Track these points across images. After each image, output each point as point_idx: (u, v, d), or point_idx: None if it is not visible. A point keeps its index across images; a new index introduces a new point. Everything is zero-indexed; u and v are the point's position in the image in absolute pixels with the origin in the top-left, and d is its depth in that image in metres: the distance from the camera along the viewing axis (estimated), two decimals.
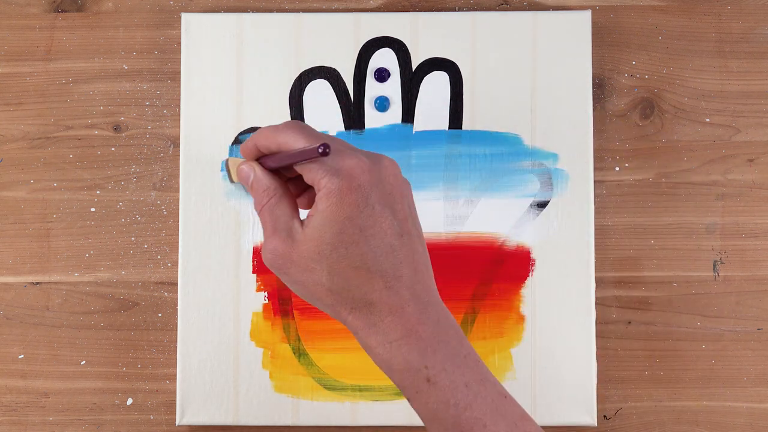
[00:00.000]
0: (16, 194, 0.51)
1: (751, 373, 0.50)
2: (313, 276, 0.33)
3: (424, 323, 0.33)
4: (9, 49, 0.51)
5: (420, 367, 0.32)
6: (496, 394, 0.33)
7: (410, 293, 0.33)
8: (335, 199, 0.32)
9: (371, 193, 0.33)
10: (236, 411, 0.49)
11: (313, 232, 0.33)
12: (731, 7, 0.51)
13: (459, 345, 0.33)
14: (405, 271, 0.33)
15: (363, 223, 0.33)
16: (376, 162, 0.34)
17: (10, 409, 0.50)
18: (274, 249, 0.34)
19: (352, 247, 0.33)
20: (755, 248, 0.50)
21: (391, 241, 0.33)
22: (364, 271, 0.33)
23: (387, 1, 0.51)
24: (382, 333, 0.33)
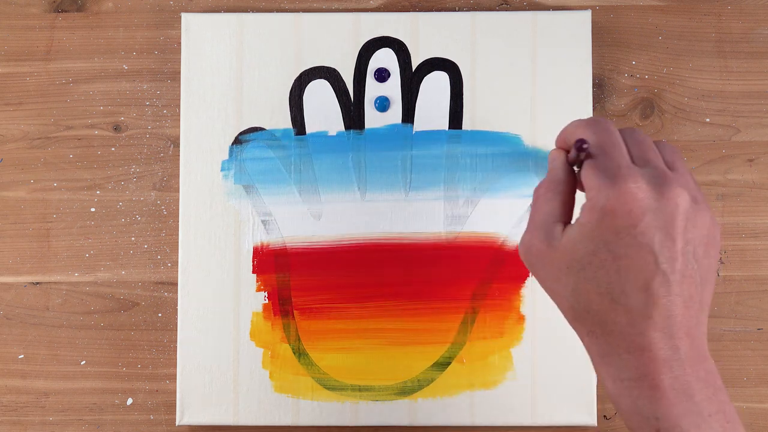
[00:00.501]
0: (16, 194, 0.51)
1: (751, 373, 0.50)
2: (558, 287, 0.32)
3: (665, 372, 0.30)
4: (9, 49, 0.51)
5: (650, 416, 0.30)
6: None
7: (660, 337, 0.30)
8: (597, 217, 0.30)
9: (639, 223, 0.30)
10: (236, 411, 0.49)
11: (568, 244, 0.32)
12: (731, 7, 0.51)
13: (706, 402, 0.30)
14: (659, 314, 0.30)
15: (619, 251, 0.30)
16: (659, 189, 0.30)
17: (10, 409, 0.50)
18: (530, 245, 0.33)
19: (601, 272, 0.30)
20: (755, 248, 0.50)
21: (649, 278, 0.30)
22: (608, 300, 0.30)
23: (387, 1, 0.51)
24: (614, 367, 0.31)
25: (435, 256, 0.49)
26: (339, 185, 0.49)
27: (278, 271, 0.49)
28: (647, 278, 0.30)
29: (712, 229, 0.32)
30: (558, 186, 0.34)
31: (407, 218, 0.49)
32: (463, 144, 0.49)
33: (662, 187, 0.30)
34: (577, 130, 0.33)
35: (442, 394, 0.49)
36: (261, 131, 0.50)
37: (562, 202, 0.34)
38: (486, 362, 0.49)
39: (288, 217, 0.49)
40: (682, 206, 0.30)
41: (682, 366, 0.30)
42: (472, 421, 0.49)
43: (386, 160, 0.49)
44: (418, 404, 0.49)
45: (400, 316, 0.49)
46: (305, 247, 0.49)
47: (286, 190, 0.49)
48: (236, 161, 0.50)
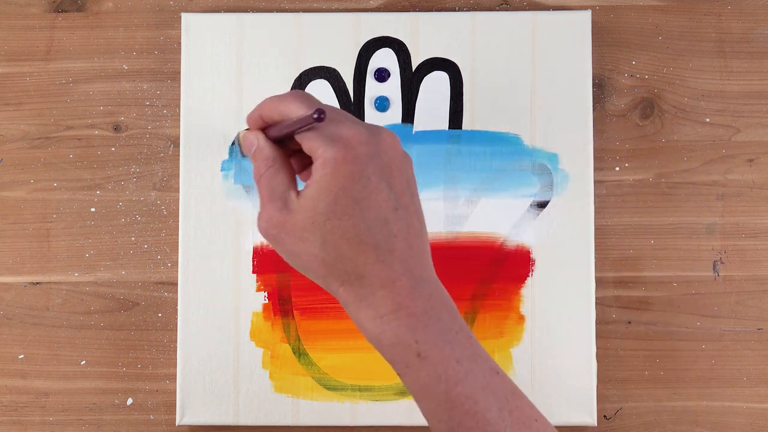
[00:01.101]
0: (16, 194, 0.51)
1: (751, 373, 0.50)
2: (306, 246, 0.33)
3: (416, 298, 0.32)
4: (9, 49, 0.51)
5: (410, 342, 0.32)
6: (487, 370, 0.33)
7: (403, 267, 0.32)
8: (330, 169, 0.32)
9: (368, 165, 0.32)
10: (236, 411, 0.49)
11: (308, 202, 0.33)
12: (731, 7, 0.51)
13: (451, 321, 0.33)
14: (398, 245, 0.33)
15: (357, 194, 0.32)
16: (374, 134, 0.33)
17: (10, 409, 0.50)
18: (269, 218, 0.34)
19: (346, 218, 0.32)
20: (755, 248, 0.50)
21: (386, 214, 0.32)
22: (357, 243, 0.32)
23: (387, 1, 0.51)
24: (372, 307, 0.33)
25: (435, 256, 0.49)
26: None
27: (278, 271, 0.49)
28: (386, 214, 0.32)
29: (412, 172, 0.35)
30: (273, 161, 0.35)
31: None
32: (463, 144, 0.49)
33: (377, 132, 0.33)
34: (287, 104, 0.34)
35: None
36: None
37: (287, 172, 0.35)
38: None
39: None
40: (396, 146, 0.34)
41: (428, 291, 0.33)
42: None
43: None
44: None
45: None
46: None
47: None
48: (236, 161, 0.50)
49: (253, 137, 0.36)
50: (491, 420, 0.32)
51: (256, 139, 0.36)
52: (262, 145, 0.36)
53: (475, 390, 0.32)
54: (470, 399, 0.32)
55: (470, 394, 0.32)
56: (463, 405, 0.32)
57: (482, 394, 0.32)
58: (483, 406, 0.32)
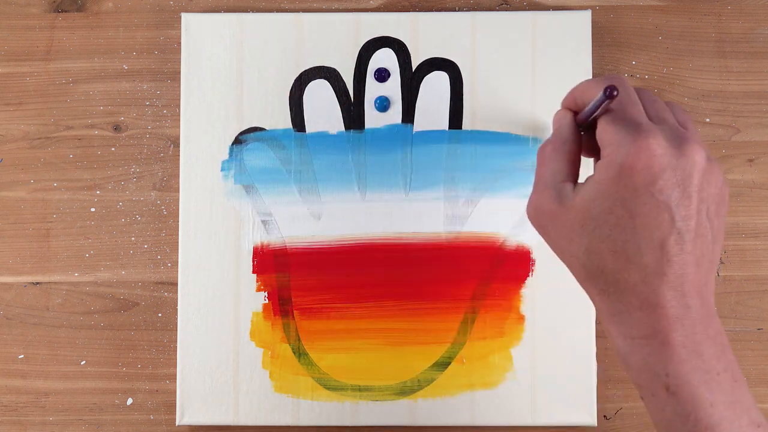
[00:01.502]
0: (16, 194, 0.51)
1: (751, 373, 0.50)
2: (571, 246, 0.32)
3: (677, 329, 0.30)
4: (9, 49, 0.51)
5: (660, 372, 0.30)
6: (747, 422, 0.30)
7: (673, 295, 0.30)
8: (614, 174, 0.30)
9: (657, 180, 0.29)
10: (236, 411, 0.49)
11: (582, 203, 0.31)
12: (731, 7, 0.51)
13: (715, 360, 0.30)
14: (672, 271, 0.30)
15: (636, 210, 0.30)
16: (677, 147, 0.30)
17: (10, 409, 0.50)
18: (540, 206, 0.33)
19: (617, 230, 0.30)
20: (755, 248, 0.50)
21: (664, 236, 0.29)
22: (623, 259, 0.30)
23: (387, 1, 0.51)
24: (626, 325, 0.31)
25: (435, 256, 0.49)
26: (339, 185, 0.49)
27: (278, 271, 0.49)
28: (663, 236, 0.29)
29: (723, 188, 0.31)
30: (564, 145, 0.34)
31: (407, 218, 0.49)
32: (463, 144, 0.49)
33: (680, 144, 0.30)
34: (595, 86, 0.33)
35: (442, 394, 0.49)
36: (261, 131, 0.50)
37: (570, 161, 0.33)
38: (486, 362, 0.49)
39: (288, 217, 0.49)
40: (700, 164, 0.30)
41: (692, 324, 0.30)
42: (472, 421, 0.49)
43: (386, 160, 0.49)
44: (418, 404, 0.49)
45: (400, 316, 0.49)
46: (305, 247, 0.49)
47: (286, 190, 0.49)
48: (236, 161, 0.50)
49: (561, 114, 0.35)
50: None
51: (563, 117, 0.35)
52: (563, 124, 0.34)
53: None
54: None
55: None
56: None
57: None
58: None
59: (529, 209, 0.34)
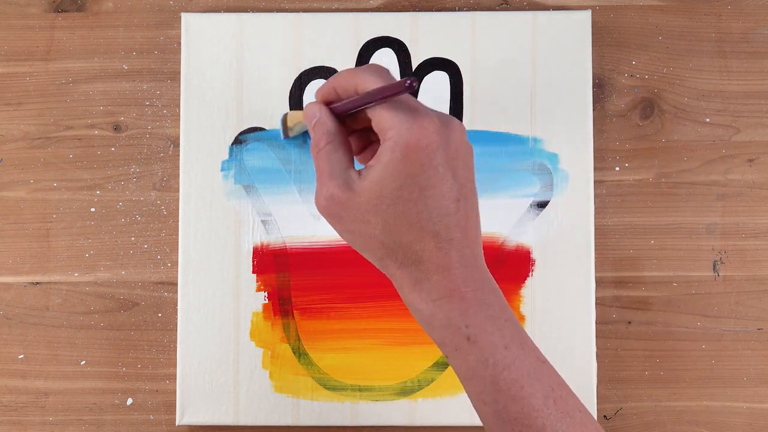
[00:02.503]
0: (16, 194, 0.51)
1: (751, 373, 0.50)
2: (367, 227, 0.34)
3: (469, 285, 0.33)
4: (9, 49, 0.51)
5: (461, 325, 0.33)
6: (534, 359, 0.34)
7: (459, 256, 0.33)
8: (400, 154, 0.32)
9: (437, 154, 0.32)
10: (236, 411, 0.49)
11: (372, 184, 0.33)
12: (731, 7, 0.51)
13: (500, 309, 0.34)
14: (456, 235, 0.33)
15: (424, 183, 0.32)
16: (446, 124, 0.33)
17: (10, 409, 0.50)
18: (330, 195, 0.34)
19: (410, 204, 0.33)
20: (755, 248, 0.50)
21: (448, 204, 0.33)
22: (418, 230, 0.33)
23: (387, 1, 0.51)
24: (426, 291, 0.33)
25: None
26: None
27: (278, 271, 0.49)
28: (448, 204, 0.33)
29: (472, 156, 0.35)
30: (336, 136, 0.35)
31: None
32: None
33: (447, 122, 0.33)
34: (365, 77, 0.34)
35: (442, 394, 0.49)
36: (261, 131, 0.50)
37: (345, 150, 0.35)
38: None
39: (288, 217, 0.49)
40: (464, 138, 0.34)
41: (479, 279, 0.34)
42: (471, 421, 0.49)
43: None
44: (418, 404, 0.49)
45: (400, 316, 0.49)
46: (305, 247, 0.49)
47: (286, 190, 0.49)
48: (236, 161, 0.50)
49: (315, 109, 0.36)
50: (536, 406, 0.33)
51: (319, 112, 0.36)
52: (324, 119, 0.35)
53: (521, 376, 0.33)
54: (516, 384, 0.33)
55: (516, 379, 0.33)
56: (510, 390, 0.33)
57: (528, 381, 0.33)
58: (528, 392, 0.33)
59: (319, 201, 0.35)
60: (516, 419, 0.33)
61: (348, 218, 0.34)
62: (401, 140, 0.32)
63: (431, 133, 0.32)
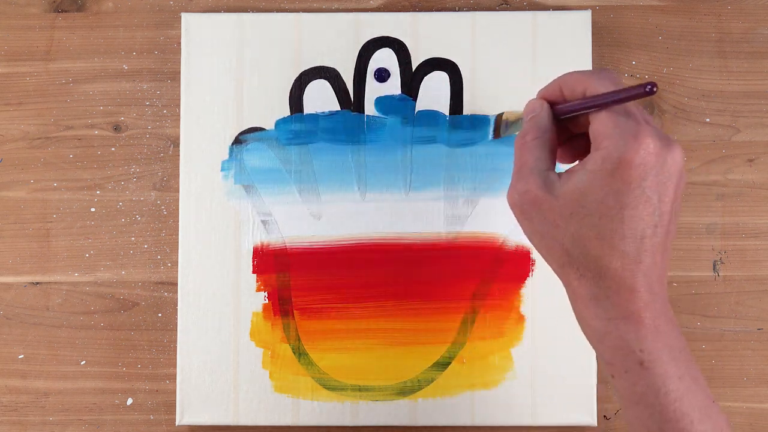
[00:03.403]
0: (16, 194, 0.51)
1: (751, 373, 0.50)
2: (556, 231, 0.33)
3: (649, 311, 0.32)
4: (9, 49, 0.51)
5: (635, 349, 0.32)
6: (705, 396, 0.33)
7: (645, 281, 0.32)
8: (611, 167, 0.31)
9: (648, 176, 0.31)
10: (236, 411, 0.49)
11: (574, 192, 0.32)
12: (731, 7, 0.51)
13: (676, 339, 0.33)
14: (646, 260, 0.32)
15: (627, 201, 0.32)
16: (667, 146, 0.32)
17: (10, 409, 0.50)
18: (526, 191, 0.34)
19: (606, 219, 0.32)
20: (755, 248, 0.50)
21: (645, 229, 0.32)
22: (608, 246, 0.32)
23: (387, 1, 0.51)
24: (603, 308, 0.33)
25: (435, 256, 0.49)
26: (339, 185, 0.49)
27: (278, 271, 0.49)
28: (644, 228, 0.32)
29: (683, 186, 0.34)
30: (545, 134, 0.35)
31: (407, 218, 0.49)
32: (462, 140, 0.49)
33: (668, 145, 0.32)
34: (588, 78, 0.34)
35: (442, 394, 0.49)
36: (261, 131, 0.50)
37: (550, 150, 0.34)
38: (486, 362, 0.49)
39: (288, 217, 0.49)
40: (680, 165, 0.33)
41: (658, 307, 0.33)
42: (472, 421, 0.49)
43: (386, 160, 0.49)
44: (418, 404, 0.49)
45: (400, 316, 0.49)
46: (305, 247, 0.49)
47: (286, 190, 0.49)
48: (236, 161, 0.50)
49: (538, 105, 0.35)
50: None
51: (540, 108, 0.35)
52: (543, 114, 0.35)
53: (693, 410, 0.32)
54: (687, 417, 0.32)
55: (687, 413, 0.32)
56: (679, 422, 0.32)
57: (699, 417, 0.32)
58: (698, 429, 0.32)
59: (513, 196, 0.34)
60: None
61: (539, 218, 0.34)
62: (615, 153, 0.31)
63: (648, 154, 0.31)
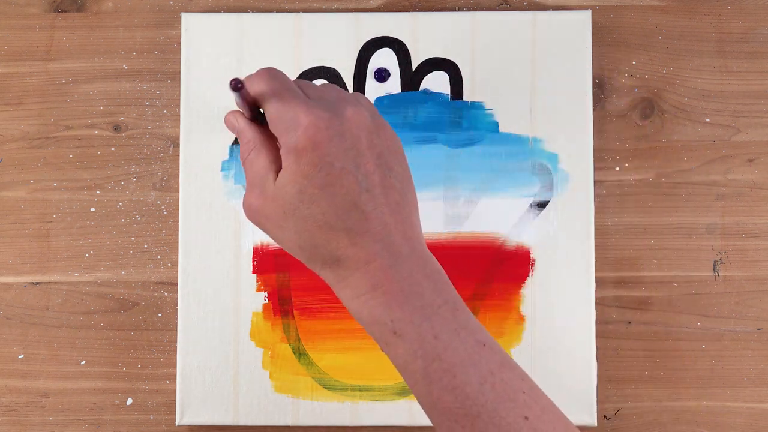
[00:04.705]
0: (16, 194, 0.51)
1: (751, 373, 0.50)
2: (284, 233, 0.33)
3: (392, 277, 0.32)
4: (9, 49, 0.51)
5: (386, 320, 0.32)
6: (472, 343, 0.32)
7: (379, 246, 0.32)
8: (293, 158, 0.32)
9: (329, 150, 0.32)
10: (236, 411, 0.49)
11: (278, 191, 0.33)
12: (731, 7, 0.51)
13: (434, 295, 0.33)
14: (372, 226, 0.32)
15: (322, 181, 0.32)
16: (337, 114, 0.32)
17: (10, 409, 0.50)
18: (249, 204, 0.34)
19: (314, 206, 0.32)
20: (755, 248, 0.50)
21: (354, 197, 0.32)
22: (327, 229, 0.32)
23: (387, 1, 0.51)
24: (351, 287, 0.33)
25: (435, 256, 0.49)
26: None
27: (278, 270, 0.49)
28: (354, 198, 0.32)
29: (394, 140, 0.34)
30: (254, 142, 0.35)
31: None
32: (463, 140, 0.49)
33: (341, 110, 0.32)
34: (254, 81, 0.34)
35: None
36: None
37: (267, 153, 0.34)
38: None
39: None
40: (364, 122, 0.32)
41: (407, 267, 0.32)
42: None
43: None
44: (418, 404, 0.49)
45: None
46: None
47: None
48: (236, 161, 0.50)
49: (233, 118, 0.36)
50: (470, 394, 0.31)
51: (236, 120, 0.36)
52: (242, 127, 0.35)
53: (453, 365, 0.31)
54: (448, 373, 0.31)
55: (448, 368, 0.31)
56: (441, 380, 0.31)
57: (461, 369, 0.31)
58: (462, 380, 0.31)
59: (245, 211, 0.35)
60: (449, 410, 0.31)
61: (268, 225, 0.34)
62: (290, 144, 0.32)
63: (316, 131, 0.31)
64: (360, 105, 0.33)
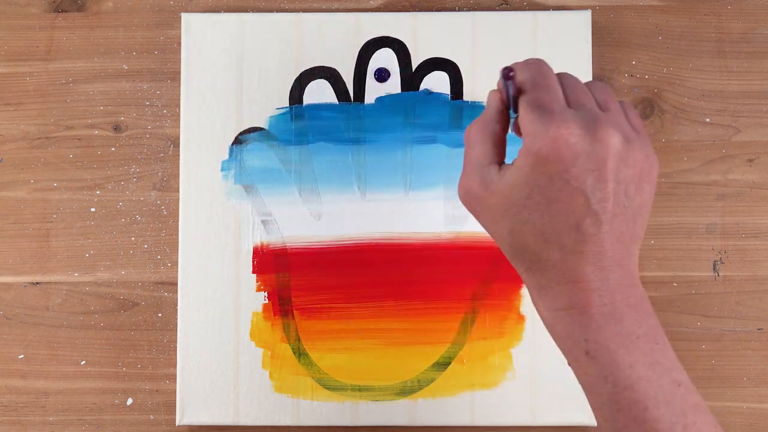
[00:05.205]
0: (16, 194, 0.51)
1: (751, 373, 0.50)
2: (497, 227, 0.33)
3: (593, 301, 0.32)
4: (9, 49, 0.51)
5: (580, 339, 0.32)
6: (669, 381, 0.32)
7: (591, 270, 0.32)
8: (531, 162, 0.31)
9: (570, 168, 0.31)
10: (236, 411, 0.49)
11: (504, 188, 0.32)
12: (731, 7, 0.51)
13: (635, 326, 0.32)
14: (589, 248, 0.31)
15: (552, 196, 0.31)
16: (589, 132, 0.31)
17: (10, 409, 0.50)
18: (468, 189, 0.34)
19: (535, 214, 0.32)
20: (755, 248, 0.50)
21: (579, 220, 0.31)
22: (542, 240, 0.32)
23: (387, 1, 0.51)
24: (549, 298, 0.33)
25: (435, 256, 0.49)
26: (339, 185, 0.49)
27: (278, 271, 0.49)
28: (578, 219, 0.31)
29: (645, 165, 0.33)
30: (488, 126, 0.34)
31: (407, 218, 0.49)
32: None
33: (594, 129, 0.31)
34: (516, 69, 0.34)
35: (442, 394, 0.49)
36: (261, 131, 0.50)
37: (494, 143, 0.34)
38: (486, 362, 0.49)
39: (288, 217, 0.49)
40: (614, 148, 0.31)
41: (611, 294, 0.32)
42: (472, 421, 0.49)
43: (386, 160, 0.49)
44: (418, 404, 0.49)
45: (400, 316, 0.49)
46: (305, 247, 0.49)
47: (286, 190, 0.49)
48: (236, 161, 0.50)
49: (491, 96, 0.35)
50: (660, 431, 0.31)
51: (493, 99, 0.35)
52: (491, 105, 0.35)
53: (646, 397, 0.31)
54: (639, 405, 0.31)
55: (640, 400, 0.31)
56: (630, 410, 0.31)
57: (654, 404, 0.31)
58: (653, 415, 0.31)
59: (459, 192, 0.35)
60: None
61: (482, 214, 0.34)
62: (533, 149, 0.31)
63: (565, 145, 0.30)
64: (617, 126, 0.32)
